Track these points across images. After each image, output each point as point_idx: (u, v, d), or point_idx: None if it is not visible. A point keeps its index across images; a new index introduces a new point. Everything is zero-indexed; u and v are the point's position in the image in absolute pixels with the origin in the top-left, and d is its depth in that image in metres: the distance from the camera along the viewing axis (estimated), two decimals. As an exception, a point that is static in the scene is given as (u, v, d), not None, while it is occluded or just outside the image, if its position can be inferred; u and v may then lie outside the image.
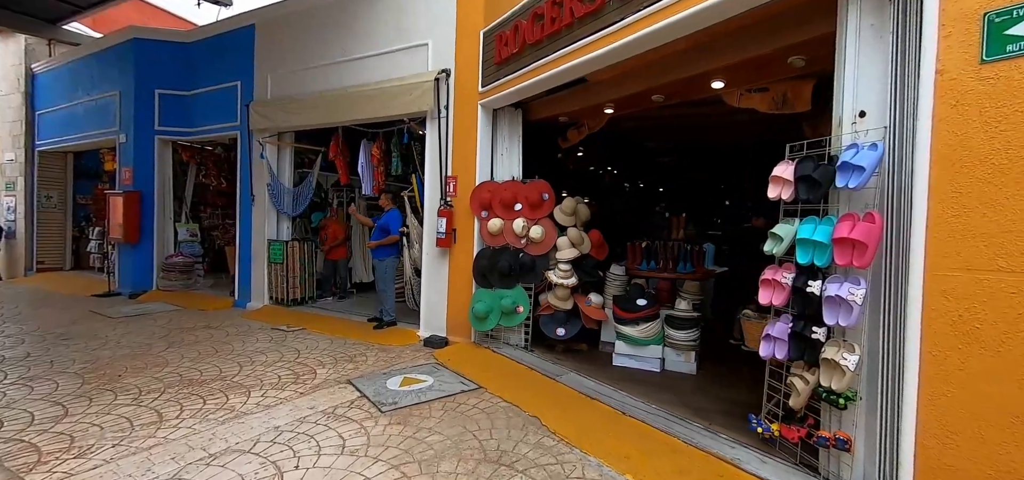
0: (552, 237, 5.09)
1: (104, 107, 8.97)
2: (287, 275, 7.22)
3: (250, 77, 7.59)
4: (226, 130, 7.97)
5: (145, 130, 8.43)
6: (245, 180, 7.66)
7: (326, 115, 6.59)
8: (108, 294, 8.30)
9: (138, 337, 5.64)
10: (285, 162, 7.59)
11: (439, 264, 5.76)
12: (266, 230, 7.45)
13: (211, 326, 6.31)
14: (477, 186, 5.46)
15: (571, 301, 5.01)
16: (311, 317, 6.76)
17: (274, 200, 7.38)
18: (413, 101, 5.78)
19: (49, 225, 10.79)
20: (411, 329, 6.01)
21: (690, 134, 6.69)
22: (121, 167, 8.61)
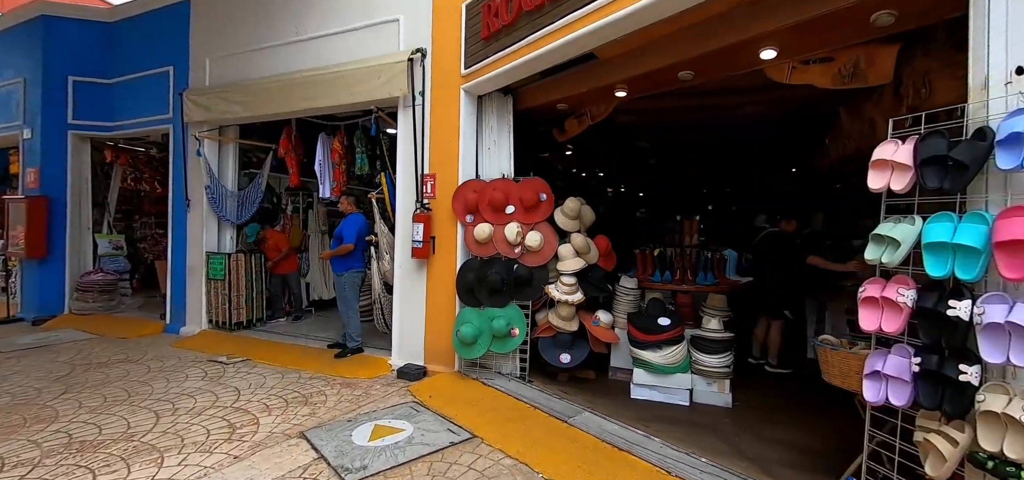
0: (552, 245, 4.29)
1: (6, 97, 7.53)
2: (230, 293, 6.09)
3: (185, 61, 6.44)
4: (156, 124, 6.76)
5: (55, 124, 7.08)
6: (178, 182, 6.48)
7: (278, 104, 5.55)
8: (6, 320, 6.87)
9: (26, 379, 4.42)
10: (228, 161, 6.46)
11: (415, 278, 4.84)
12: (204, 241, 6.29)
13: (131, 359, 5.13)
14: (461, 185, 4.60)
15: (576, 321, 4.21)
16: (258, 344, 5.66)
17: (214, 205, 6.24)
18: (382, 86, 4.86)
19: (-59, 238, 9.07)
20: (381, 356, 5.05)
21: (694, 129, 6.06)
22: (26, 168, 7.20)
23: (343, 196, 5.22)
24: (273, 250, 6.58)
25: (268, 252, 6.58)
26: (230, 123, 6.29)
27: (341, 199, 5.21)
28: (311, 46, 5.51)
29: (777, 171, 7.04)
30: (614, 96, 4.11)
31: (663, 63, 3.45)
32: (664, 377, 3.80)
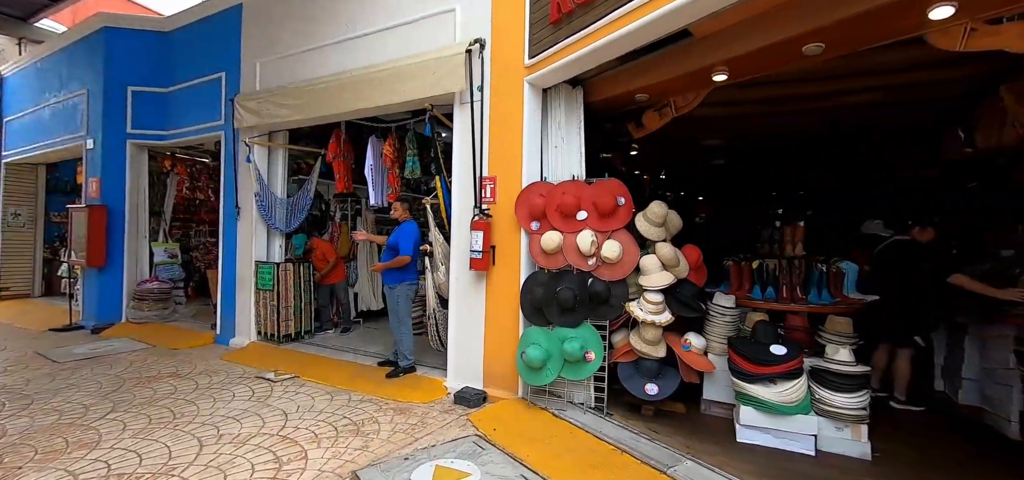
0: (633, 256, 3.70)
1: (71, 109, 7.73)
2: (279, 305, 5.84)
3: (236, 66, 6.31)
4: (208, 131, 6.67)
5: (115, 133, 7.15)
6: (229, 190, 6.33)
7: (326, 106, 5.26)
8: (68, 327, 6.96)
9: (76, 394, 4.26)
10: (277, 167, 6.26)
11: (473, 292, 4.38)
12: (254, 250, 6.10)
13: (180, 373, 4.93)
14: (525, 189, 4.10)
15: (663, 345, 3.60)
16: (307, 359, 5.36)
17: (264, 213, 6.04)
18: (437, 81, 4.45)
19: (16, 246, 9.52)
20: (436, 378, 4.61)
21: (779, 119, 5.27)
22: (88, 178, 7.32)
23: (396, 202, 4.83)
24: (321, 260, 6.32)
25: (316, 262, 6.32)
26: (279, 128, 6.08)
27: (393, 205, 4.82)
28: (361, 44, 5.19)
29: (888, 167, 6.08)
30: (711, 81, 3.49)
31: (783, 35, 2.82)
32: (780, 418, 3.12)
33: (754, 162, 8.11)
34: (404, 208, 4.85)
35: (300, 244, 6.19)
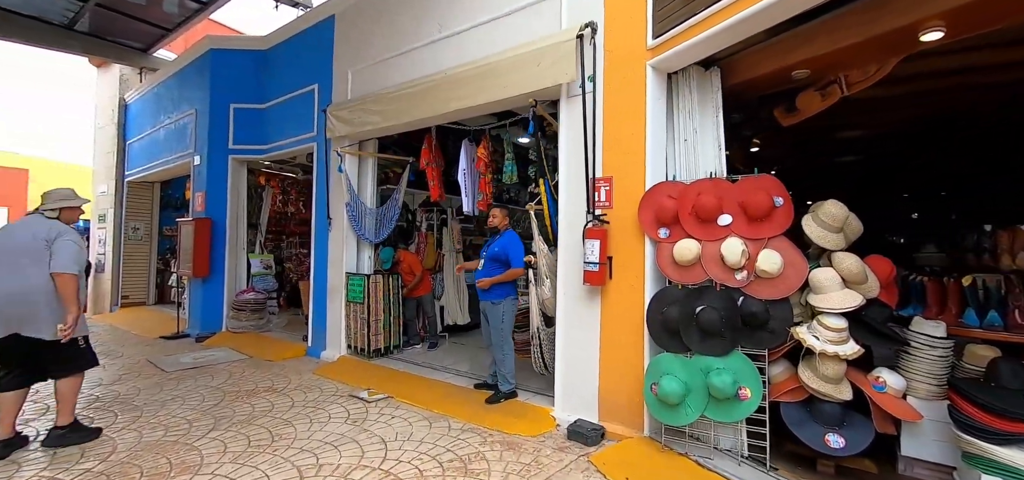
0: (799, 269, 2.96)
1: (182, 129, 8.22)
2: (368, 318, 5.64)
3: (328, 77, 6.29)
4: (302, 143, 6.72)
5: (219, 150, 7.47)
6: (321, 200, 6.29)
7: (418, 110, 4.99)
8: (176, 335, 7.27)
9: (181, 408, 4.21)
10: (367, 177, 6.13)
11: (585, 309, 3.82)
12: (344, 261, 5.97)
13: (275, 387, 4.81)
14: (650, 190, 3.50)
15: (847, 384, 2.81)
16: (398, 377, 5.07)
17: (354, 223, 5.91)
18: (541, 73, 3.99)
19: (135, 258, 10.35)
20: (541, 406, 4.08)
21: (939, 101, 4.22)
22: (195, 192, 7.70)
23: (495, 207, 4.41)
24: (408, 273, 6.08)
25: (403, 275, 6.08)
26: (369, 136, 5.94)
27: (492, 211, 4.41)
28: (454, 42, 4.87)
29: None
30: (914, 42, 2.69)
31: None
32: (1047, 496, 2.24)
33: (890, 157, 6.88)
34: (504, 214, 4.42)
35: (388, 257, 5.98)
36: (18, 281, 3.11)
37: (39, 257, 3.16)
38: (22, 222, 3.38)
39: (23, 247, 3.18)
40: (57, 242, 3.19)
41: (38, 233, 3.21)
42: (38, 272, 3.14)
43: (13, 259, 3.15)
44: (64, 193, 3.52)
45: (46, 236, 3.20)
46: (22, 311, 3.10)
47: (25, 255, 3.15)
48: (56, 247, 3.17)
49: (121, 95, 10.48)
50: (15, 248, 3.19)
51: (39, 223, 3.30)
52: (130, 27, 9.36)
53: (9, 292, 3.08)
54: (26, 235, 3.23)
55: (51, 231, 3.23)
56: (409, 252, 6.34)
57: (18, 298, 3.09)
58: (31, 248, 3.17)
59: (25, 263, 3.14)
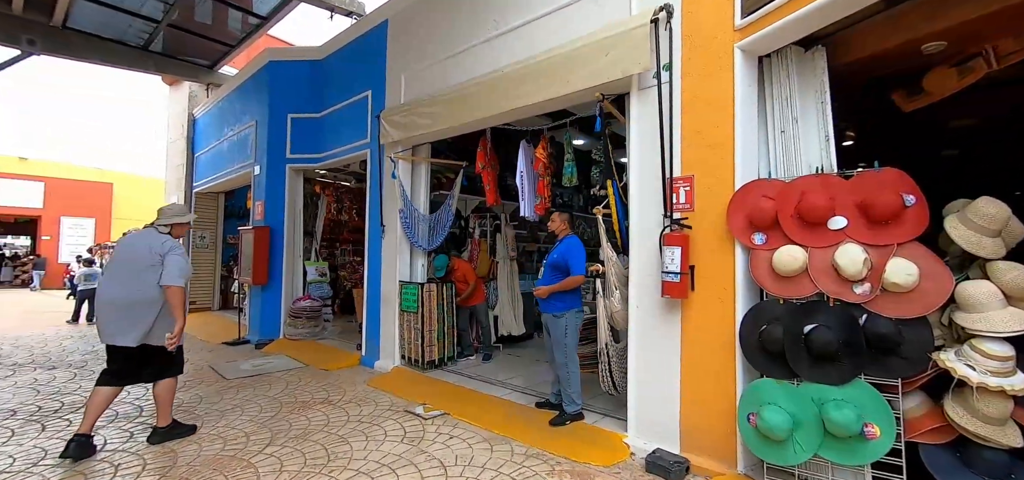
0: (943, 281, 2.44)
1: (243, 140, 8.48)
2: (423, 328, 5.45)
3: (381, 83, 6.21)
4: (356, 150, 6.69)
5: (277, 159, 7.60)
6: (374, 207, 6.21)
7: (474, 110, 4.76)
8: (237, 341, 7.44)
9: (239, 419, 4.15)
10: (420, 182, 5.98)
11: (662, 325, 3.41)
12: (398, 269, 5.84)
13: (330, 400, 4.69)
14: (741, 190, 3.06)
15: (1015, 428, 2.26)
16: (454, 392, 4.83)
17: (407, 230, 5.76)
18: (610, 65, 3.63)
19: (202, 266, 10.83)
20: (612, 430, 3.70)
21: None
22: (255, 201, 7.89)
23: (555, 212, 4.08)
24: (462, 282, 5.85)
25: (457, 283, 5.86)
26: (422, 140, 5.79)
27: (552, 216, 4.08)
28: (512, 38, 4.61)
29: None
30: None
31: None
32: None
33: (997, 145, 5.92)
34: (564, 220, 4.08)
35: (442, 265, 5.78)
36: (135, 290, 3.38)
37: (153, 269, 3.42)
38: (140, 235, 3.65)
39: (140, 259, 3.45)
40: (168, 256, 3.45)
41: (153, 247, 3.47)
42: (151, 282, 3.40)
43: (132, 270, 3.43)
44: (176, 209, 3.79)
45: (160, 250, 3.46)
46: (136, 318, 3.36)
47: (142, 266, 3.43)
48: (167, 261, 3.43)
49: (190, 110, 11.05)
50: (134, 259, 3.46)
51: (153, 237, 3.56)
52: (198, 45, 9.85)
53: (130, 299, 3.37)
54: (143, 248, 3.49)
55: (164, 245, 3.49)
56: (462, 260, 6.13)
57: (134, 305, 3.37)
58: (147, 260, 3.44)
59: (141, 274, 3.41)
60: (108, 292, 3.43)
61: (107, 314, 3.38)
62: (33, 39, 8.44)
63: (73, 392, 4.88)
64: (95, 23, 8.82)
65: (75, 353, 6.73)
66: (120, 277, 3.44)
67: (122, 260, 3.52)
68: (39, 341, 7.59)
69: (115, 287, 3.42)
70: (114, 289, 3.42)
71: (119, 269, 3.49)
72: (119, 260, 3.55)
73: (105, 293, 3.44)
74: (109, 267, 3.55)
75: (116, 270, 3.51)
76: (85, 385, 5.13)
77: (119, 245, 3.70)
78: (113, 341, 3.38)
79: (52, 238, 21.77)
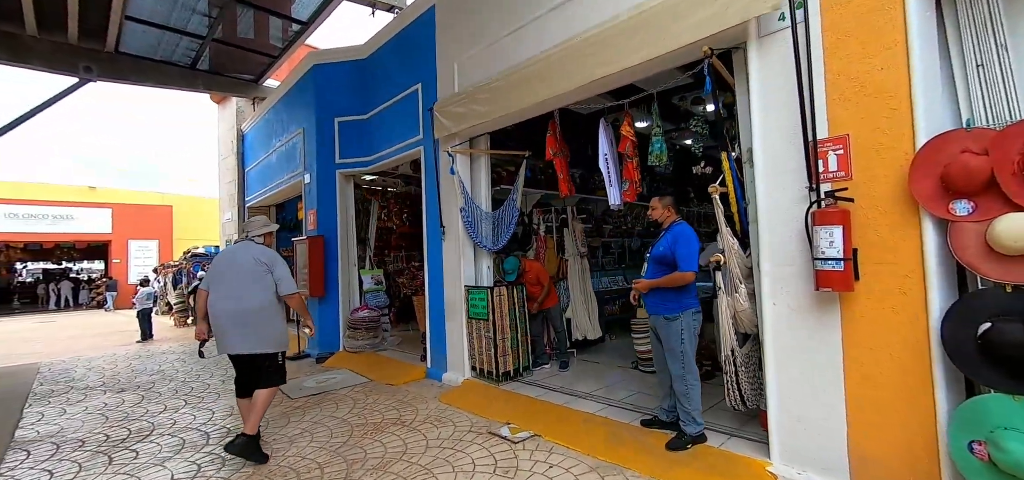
0: None
1: (292, 149, 8.29)
2: (495, 336, 4.95)
3: (432, 74, 5.76)
4: (407, 149, 6.28)
5: (326, 166, 7.32)
6: (432, 207, 5.76)
7: (542, 88, 4.20)
8: (298, 355, 7.21)
9: (310, 446, 3.77)
10: (481, 178, 5.48)
11: (813, 326, 2.73)
12: (462, 272, 5.36)
13: (403, 420, 4.27)
14: (929, 145, 2.34)
15: None
16: (538, 407, 4.29)
17: (469, 230, 5.28)
18: (724, 8, 2.99)
19: (258, 279, 10.80)
20: (748, 455, 3.04)
21: None
22: (307, 211, 7.66)
23: (655, 198, 3.45)
24: (535, 284, 5.31)
25: (529, 286, 5.33)
26: (481, 131, 5.28)
27: (653, 203, 3.45)
28: (583, 3, 4.00)
29: None
30: None
31: None
32: None
33: None
34: (667, 204, 3.44)
35: (512, 268, 5.25)
36: (247, 300, 3.44)
37: (261, 278, 3.50)
38: (240, 248, 3.67)
39: (248, 270, 3.50)
40: (277, 268, 3.58)
41: (258, 257, 3.55)
42: (263, 292, 3.50)
43: (242, 281, 3.48)
44: (261, 221, 3.85)
45: (266, 260, 3.55)
46: (251, 326, 3.43)
47: (250, 277, 3.49)
48: (277, 273, 3.56)
49: (238, 126, 11.09)
50: (242, 271, 3.51)
51: (255, 248, 3.63)
52: (242, 59, 9.81)
53: (244, 309, 3.43)
54: (248, 259, 3.54)
55: (267, 255, 3.60)
56: (533, 260, 5.58)
57: (248, 314, 3.44)
58: (255, 271, 3.50)
59: (250, 284, 3.48)
60: (223, 304, 3.45)
61: (225, 325, 3.43)
62: (89, 65, 8.57)
63: (140, 418, 4.69)
64: (145, 45, 8.89)
65: (143, 374, 6.68)
66: (232, 289, 3.47)
67: (230, 272, 3.53)
68: (109, 362, 7.66)
69: (229, 299, 3.45)
70: (228, 301, 3.44)
71: (230, 281, 3.50)
72: (226, 273, 3.54)
73: (220, 305, 3.45)
74: (217, 281, 3.54)
75: (227, 282, 3.50)
76: (152, 409, 4.97)
77: (222, 260, 3.68)
78: (235, 351, 3.47)
79: (121, 261, 23.01)
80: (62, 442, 4.13)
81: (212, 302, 3.50)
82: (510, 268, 5.23)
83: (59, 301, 23.59)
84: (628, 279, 8.06)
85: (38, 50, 8.17)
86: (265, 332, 3.50)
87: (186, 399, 5.31)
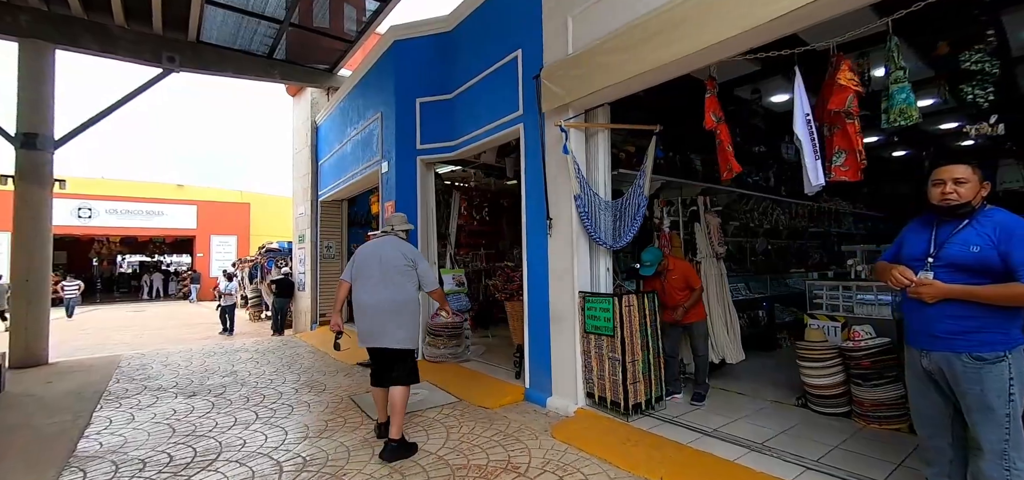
0: None
1: (368, 137, 7.67)
2: (622, 357, 3.88)
3: (536, 36, 4.79)
4: (501, 129, 5.36)
5: (406, 153, 6.58)
6: (534, 195, 4.79)
7: (693, 34, 3.08)
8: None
9: (405, 501, 2.89)
10: (599, 158, 4.44)
11: None
12: (575, 275, 4.34)
13: (514, 463, 3.31)
14: None
15: None
16: (697, 461, 3.16)
17: (586, 223, 4.24)
18: None
19: (330, 276, 10.43)
20: None
21: None
22: (384, 202, 6.96)
23: (968, 167, 2.14)
24: (681, 290, 4.17)
25: (671, 292, 4.21)
26: (603, 99, 4.25)
27: (960, 172, 2.13)
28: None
29: None
30: None
31: None
32: None
33: None
34: (980, 177, 2.15)
35: (654, 260, 4.16)
36: (398, 293, 3.47)
37: (408, 273, 3.55)
38: (388, 242, 3.67)
39: (397, 264, 3.53)
40: (421, 264, 3.65)
41: (406, 253, 3.60)
42: (410, 286, 3.55)
43: (390, 275, 3.49)
44: (401, 218, 3.96)
45: (411, 255, 3.61)
46: (396, 321, 3.43)
47: (397, 271, 3.51)
48: (421, 269, 3.64)
49: (312, 118, 10.77)
50: (391, 265, 3.51)
51: (402, 244, 3.68)
52: (317, 46, 9.40)
53: (395, 302, 3.45)
54: (396, 254, 3.57)
55: (413, 251, 3.66)
56: (680, 258, 4.45)
57: (400, 307, 3.46)
58: (402, 266, 3.54)
59: (398, 278, 3.50)
60: (373, 296, 3.44)
61: (374, 318, 3.42)
62: (173, 56, 8.44)
63: (208, 433, 4.07)
64: (225, 34, 8.67)
65: (215, 374, 6.22)
66: (382, 282, 3.46)
67: (378, 267, 3.51)
68: (185, 358, 7.36)
69: (380, 291, 3.44)
70: (379, 292, 3.43)
71: (379, 275, 3.48)
72: (374, 267, 3.52)
73: (370, 298, 3.44)
74: (365, 274, 3.52)
75: (375, 276, 3.49)
76: (221, 421, 4.36)
77: (368, 253, 3.63)
78: (380, 345, 3.46)
79: (204, 254, 24.23)
80: (122, 461, 3.54)
81: (358, 294, 3.49)
82: (650, 260, 4.14)
83: (152, 291, 25.24)
84: (751, 287, 6.69)
85: (124, 40, 8.11)
86: (409, 328, 3.51)
87: (257, 411, 4.67)
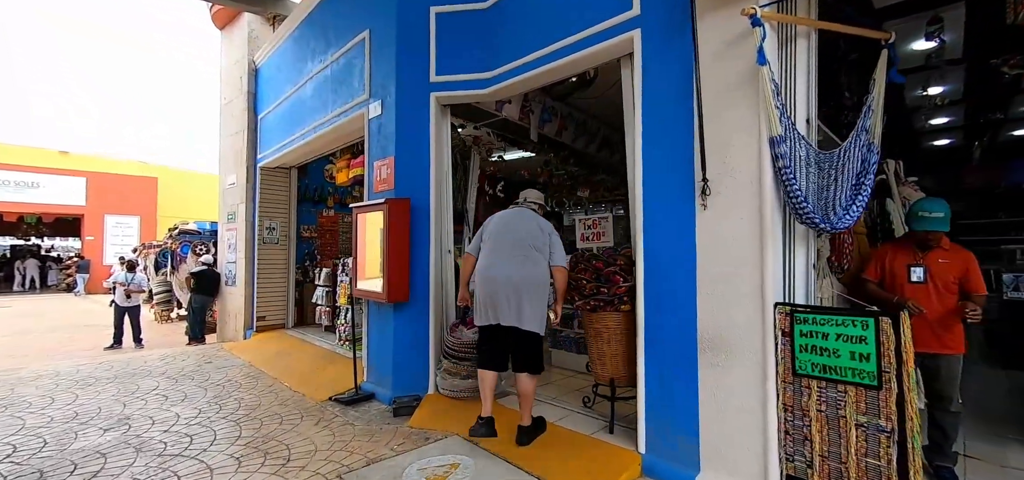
0: None
1: (344, 70, 5.38)
2: (885, 424, 2.12)
3: None
4: (592, 42, 3.43)
5: (413, 87, 4.44)
6: (656, 142, 2.92)
7: None
8: (355, 397, 4.36)
9: None
10: (798, 80, 2.65)
11: None
12: (766, 277, 2.52)
13: None
14: None
15: None
16: None
17: (793, 186, 2.44)
18: None
19: (271, 267, 7.89)
20: None
21: None
22: (374, 161, 4.75)
23: None
24: (952, 293, 2.51)
25: (938, 296, 2.52)
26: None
27: None
28: None
29: None
30: None
31: None
32: None
33: None
34: None
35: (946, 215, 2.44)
36: (531, 269, 3.16)
37: (543, 249, 3.22)
38: (521, 214, 3.37)
39: (532, 237, 3.23)
40: (553, 236, 3.29)
41: (543, 226, 3.30)
42: (544, 262, 3.21)
43: (524, 249, 3.19)
44: (536, 193, 3.63)
45: (548, 229, 3.29)
46: (528, 299, 3.10)
47: (532, 245, 3.21)
48: (553, 241, 3.27)
49: (250, 56, 8.11)
50: (523, 237, 3.23)
51: (536, 217, 3.37)
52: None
53: (527, 277, 3.13)
54: (533, 226, 3.28)
55: (548, 225, 3.33)
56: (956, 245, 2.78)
57: (529, 284, 3.12)
58: (538, 239, 3.23)
59: (533, 252, 3.20)
60: (500, 270, 3.15)
61: (507, 294, 3.10)
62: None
63: None
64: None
65: (92, 426, 3.74)
66: (516, 257, 3.16)
67: (510, 238, 3.23)
68: (47, 390, 4.69)
69: (514, 267, 3.14)
70: (511, 266, 3.14)
71: (512, 247, 3.19)
72: (505, 238, 3.24)
73: (497, 271, 3.15)
74: (495, 246, 3.23)
75: (507, 247, 3.20)
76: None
77: (498, 225, 3.33)
78: (509, 322, 3.12)
79: (96, 238, 19.80)
80: None
81: (485, 267, 3.20)
82: (943, 212, 2.45)
83: (24, 281, 20.36)
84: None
85: None
86: (540, 308, 3.14)
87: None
